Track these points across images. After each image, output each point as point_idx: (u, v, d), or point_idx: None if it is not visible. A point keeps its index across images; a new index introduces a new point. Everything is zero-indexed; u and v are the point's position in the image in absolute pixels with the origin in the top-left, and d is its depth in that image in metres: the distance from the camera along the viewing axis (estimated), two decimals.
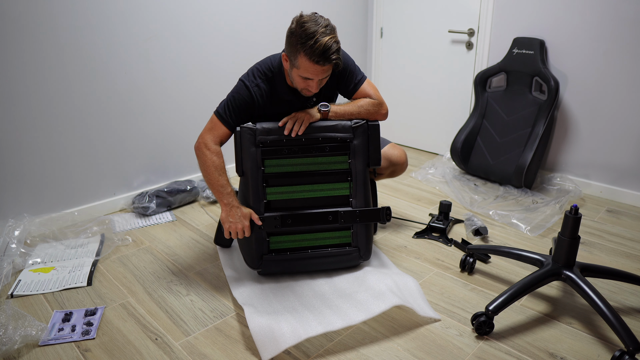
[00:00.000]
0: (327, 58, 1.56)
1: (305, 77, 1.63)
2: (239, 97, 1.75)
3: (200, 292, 1.83)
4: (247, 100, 1.75)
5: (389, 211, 1.85)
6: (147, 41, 2.44)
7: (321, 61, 1.56)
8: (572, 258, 1.63)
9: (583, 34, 2.61)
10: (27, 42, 2.07)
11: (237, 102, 1.75)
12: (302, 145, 1.77)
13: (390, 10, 3.48)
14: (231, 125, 1.76)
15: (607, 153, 2.69)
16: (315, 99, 1.85)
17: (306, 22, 1.56)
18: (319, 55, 1.54)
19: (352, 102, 1.84)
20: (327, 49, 1.54)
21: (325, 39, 1.54)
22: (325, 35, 1.55)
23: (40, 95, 2.16)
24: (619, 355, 1.41)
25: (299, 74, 1.64)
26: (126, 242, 2.20)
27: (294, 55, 1.61)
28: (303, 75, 1.63)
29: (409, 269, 1.98)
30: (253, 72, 1.78)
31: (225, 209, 1.73)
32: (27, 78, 2.10)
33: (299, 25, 1.56)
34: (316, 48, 1.53)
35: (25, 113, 2.13)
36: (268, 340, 1.46)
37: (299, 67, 1.61)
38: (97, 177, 2.45)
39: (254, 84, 1.75)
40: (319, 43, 1.53)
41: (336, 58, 1.58)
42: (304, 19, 1.57)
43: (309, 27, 1.54)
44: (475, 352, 1.50)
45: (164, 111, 2.62)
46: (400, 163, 2.12)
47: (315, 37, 1.53)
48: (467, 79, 3.20)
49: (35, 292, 1.82)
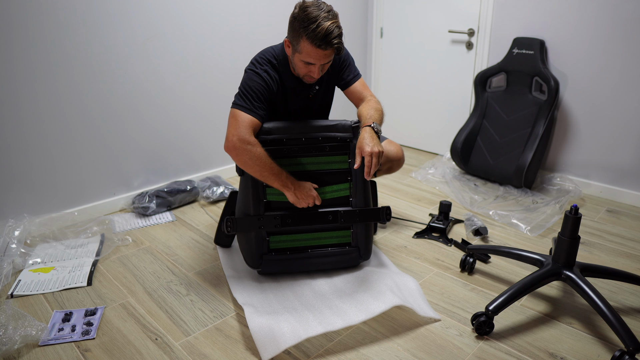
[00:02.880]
0: (329, 42, 1.56)
1: (308, 62, 1.64)
2: (254, 84, 1.69)
3: (200, 292, 1.83)
4: (263, 84, 1.70)
5: (389, 211, 1.85)
6: (147, 41, 2.44)
7: (323, 45, 1.57)
8: (572, 258, 1.63)
9: (583, 34, 2.61)
10: (27, 42, 2.07)
11: (253, 89, 1.69)
12: (302, 145, 1.77)
13: (390, 10, 3.48)
14: (256, 113, 1.68)
15: (607, 153, 2.69)
16: (317, 87, 1.85)
17: (309, 7, 1.57)
18: (320, 39, 1.55)
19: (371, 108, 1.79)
20: (329, 33, 1.55)
21: (327, 23, 1.55)
22: (327, 20, 1.56)
23: (40, 95, 2.16)
24: (619, 355, 1.41)
25: (301, 59, 1.64)
26: (126, 242, 2.20)
27: (296, 40, 1.61)
28: (305, 60, 1.63)
29: (409, 269, 1.98)
30: (258, 60, 1.75)
31: (289, 192, 1.72)
32: (27, 78, 2.10)
33: (302, 9, 1.58)
34: (318, 32, 1.54)
35: (25, 113, 2.13)
36: (268, 340, 1.46)
37: (301, 52, 1.62)
38: (97, 177, 2.45)
39: (263, 70, 1.73)
40: (321, 27, 1.54)
41: (338, 42, 1.59)
42: (306, 4, 1.59)
43: (311, 12, 1.56)
44: (475, 352, 1.50)
45: (164, 111, 2.62)
46: (397, 159, 2.11)
47: (318, 21, 1.54)
48: (467, 79, 3.20)
49: (35, 292, 1.82)
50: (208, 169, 2.94)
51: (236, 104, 1.70)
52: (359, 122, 1.78)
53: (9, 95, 2.07)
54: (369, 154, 1.62)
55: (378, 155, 1.63)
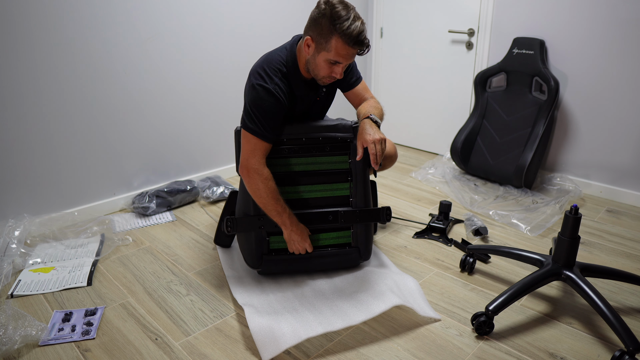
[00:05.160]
0: (361, 42, 1.55)
1: (334, 62, 1.59)
2: (266, 104, 1.62)
3: (200, 292, 1.83)
4: (277, 106, 1.64)
5: (389, 211, 1.85)
6: (147, 41, 2.44)
7: (356, 45, 1.55)
8: (572, 258, 1.63)
9: (583, 34, 2.61)
10: (27, 42, 2.07)
11: (267, 112, 1.63)
12: (303, 145, 1.77)
13: (390, 10, 3.48)
14: (269, 137, 1.65)
15: (607, 153, 2.69)
16: (324, 90, 1.83)
17: (338, 5, 1.53)
18: (354, 38, 1.53)
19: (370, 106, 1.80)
20: (361, 32, 1.53)
21: (358, 22, 1.53)
22: (357, 19, 1.54)
23: (40, 95, 2.16)
24: (619, 355, 1.41)
25: (328, 58, 1.58)
26: (126, 242, 2.20)
27: (324, 38, 1.56)
28: (333, 59, 1.58)
29: (409, 269, 1.98)
30: (266, 72, 1.65)
31: (286, 231, 1.72)
32: (27, 78, 2.10)
33: (330, 6, 1.53)
34: (352, 30, 1.52)
35: (25, 113, 2.13)
36: (268, 341, 1.46)
37: (330, 50, 1.56)
38: (97, 177, 2.45)
39: (274, 84, 1.63)
40: (355, 25, 1.52)
41: (368, 42, 1.58)
42: (334, 2, 1.54)
43: (341, 10, 1.52)
44: (475, 352, 1.50)
45: (164, 111, 2.62)
46: (391, 155, 2.09)
47: (350, 19, 1.52)
48: (467, 79, 3.20)
49: (35, 292, 1.82)
50: (208, 169, 2.94)
51: (249, 127, 1.63)
52: (359, 123, 1.78)
53: (8, 95, 2.07)
54: (372, 141, 1.62)
55: (381, 142, 1.62)
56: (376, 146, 1.62)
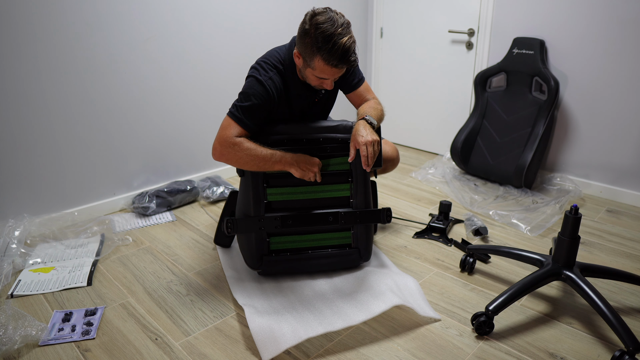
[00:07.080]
0: (345, 60, 1.51)
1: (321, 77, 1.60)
2: (254, 93, 1.63)
3: (200, 292, 1.83)
4: (264, 96, 1.64)
5: (389, 212, 1.85)
6: (147, 41, 2.44)
7: (340, 64, 1.52)
8: (572, 258, 1.63)
9: (583, 34, 2.61)
10: (27, 42, 2.07)
11: (252, 101, 1.63)
12: (303, 146, 1.76)
13: (390, 10, 3.48)
14: (249, 127, 1.65)
15: (607, 153, 2.69)
16: (323, 92, 1.83)
17: (322, 24, 1.48)
18: (337, 58, 1.49)
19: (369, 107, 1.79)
20: (346, 50, 1.49)
21: (343, 40, 1.47)
22: (342, 36, 1.48)
23: (40, 95, 2.16)
24: (619, 355, 1.41)
25: (314, 74, 1.60)
26: (126, 242, 2.20)
27: (309, 57, 1.55)
28: (319, 76, 1.59)
29: (409, 269, 1.98)
30: (262, 65, 1.68)
31: (293, 169, 1.67)
32: (27, 78, 2.10)
33: (314, 26, 1.49)
34: (334, 51, 1.48)
35: (25, 113, 2.13)
36: (268, 341, 1.46)
37: (315, 69, 1.56)
38: (97, 177, 2.45)
39: (267, 77, 1.65)
40: (337, 46, 1.47)
41: (354, 59, 1.54)
42: (318, 20, 1.49)
43: (325, 29, 1.47)
44: (475, 352, 1.50)
45: (164, 111, 2.62)
46: (392, 159, 2.10)
47: (333, 39, 1.47)
48: (467, 79, 3.20)
49: (35, 292, 1.82)
50: (208, 169, 2.94)
51: (231, 112, 1.65)
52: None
53: (9, 95, 2.07)
54: (364, 143, 1.59)
55: (372, 143, 1.59)
56: (367, 148, 1.59)
